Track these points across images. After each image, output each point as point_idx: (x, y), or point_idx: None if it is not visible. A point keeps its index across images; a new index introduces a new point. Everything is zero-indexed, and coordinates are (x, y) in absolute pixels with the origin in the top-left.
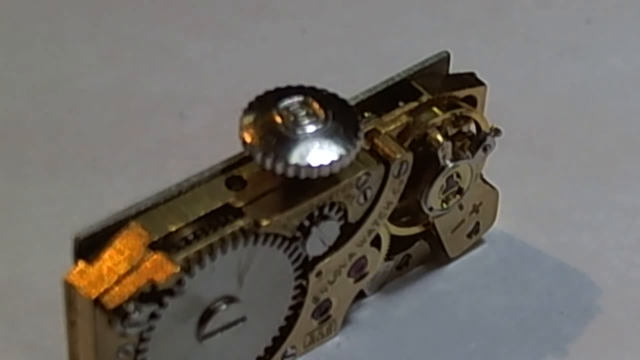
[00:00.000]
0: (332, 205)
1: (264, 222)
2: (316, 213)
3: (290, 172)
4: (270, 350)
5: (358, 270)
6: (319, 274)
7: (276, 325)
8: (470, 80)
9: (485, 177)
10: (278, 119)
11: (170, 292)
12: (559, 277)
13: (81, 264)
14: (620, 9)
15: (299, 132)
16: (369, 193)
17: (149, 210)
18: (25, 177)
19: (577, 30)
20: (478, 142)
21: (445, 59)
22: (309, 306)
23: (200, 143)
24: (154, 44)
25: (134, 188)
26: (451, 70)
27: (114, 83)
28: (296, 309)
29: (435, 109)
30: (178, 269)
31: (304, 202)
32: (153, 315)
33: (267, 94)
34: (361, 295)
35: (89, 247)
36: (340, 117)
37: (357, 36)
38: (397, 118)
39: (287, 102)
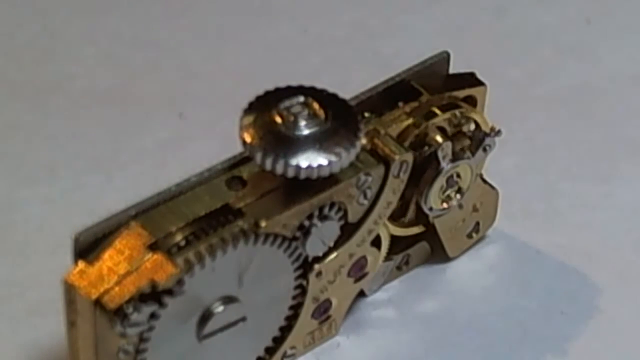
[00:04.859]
0: (332, 205)
1: (264, 223)
2: (316, 213)
3: (290, 173)
4: (270, 350)
5: (358, 270)
6: (319, 274)
7: (276, 325)
8: (470, 80)
9: (485, 177)
10: (278, 119)
11: (170, 292)
12: (559, 277)
13: (81, 264)
14: (620, 9)
15: (299, 132)
16: (369, 193)
17: (149, 210)
18: (25, 177)
19: (577, 30)
20: (478, 142)
21: (445, 59)
22: (309, 306)
23: (200, 143)
24: (154, 44)
25: (134, 188)
26: (451, 70)
27: (114, 83)
28: (296, 309)
29: (435, 109)
30: (178, 269)
31: (304, 202)
32: (153, 316)
33: (267, 94)
34: (361, 295)
35: (89, 247)
36: (340, 117)
37: (357, 36)
38: (397, 118)
39: (287, 102)
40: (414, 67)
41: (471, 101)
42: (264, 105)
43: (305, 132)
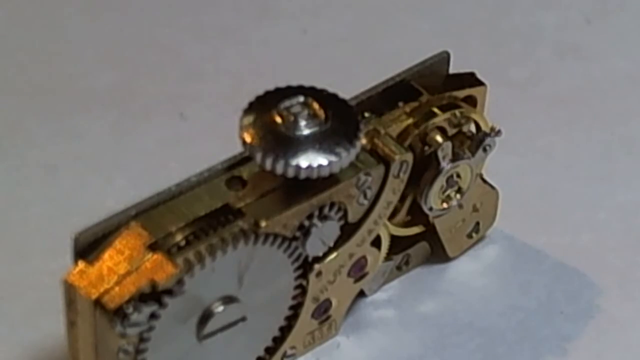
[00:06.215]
0: (332, 205)
1: (264, 222)
2: (316, 213)
3: (290, 173)
4: (270, 350)
5: (358, 270)
6: (319, 274)
7: (276, 325)
8: (470, 80)
9: (485, 177)
10: (278, 119)
11: (170, 292)
12: (559, 277)
13: (81, 264)
14: (620, 9)
15: (299, 132)
16: (369, 193)
17: (149, 210)
18: (25, 177)
19: (577, 30)
20: (478, 142)
21: (445, 59)
22: (309, 306)
23: (200, 143)
24: (155, 44)
25: (134, 188)
26: (451, 70)
27: (114, 83)
28: (296, 309)
29: (435, 109)
30: (178, 269)
31: (304, 202)
32: (153, 316)
33: (267, 94)
34: (361, 295)
35: (89, 247)
36: (340, 117)
37: (357, 36)
38: (397, 118)
39: (287, 102)
40: (414, 67)
41: (471, 101)
42: (264, 105)
43: (305, 132)
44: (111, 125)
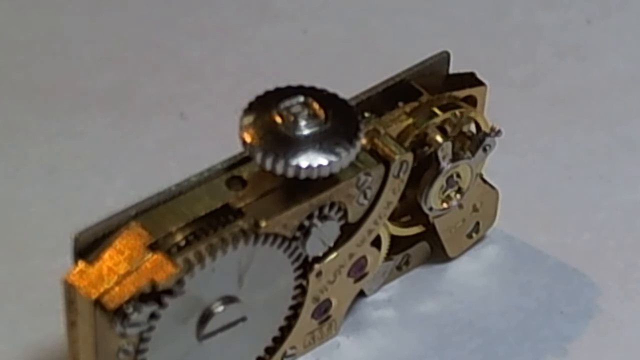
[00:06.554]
0: (332, 205)
1: (264, 223)
2: (316, 213)
3: (290, 173)
4: (270, 350)
5: (358, 270)
6: (319, 274)
7: (276, 325)
8: (470, 80)
9: (485, 177)
10: (278, 119)
11: (170, 292)
12: (559, 277)
13: (81, 264)
14: (620, 9)
15: (299, 132)
16: (369, 193)
17: (149, 210)
18: (25, 177)
19: (577, 30)
20: (478, 142)
21: (445, 59)
22: (309, 306)
23: (200, 143)
24: (155, 44)
25: (134, 188)
26: (451, 70)
27: (114, 83)
28: (296, 309)
29: (435, 109)
30: (178, 269)
31: (304, 202)
32: (153, 316)
33: (267, 94)
34: (361, 295)
35: (89, 247)
36: (340, 117)
37: (357, 36)
38: (397, 118)
39: (287, 102)
40: (414, 67)
41: (471, 101)
42: (264, 105)
43: (305, 132)
44: (111, 125)
